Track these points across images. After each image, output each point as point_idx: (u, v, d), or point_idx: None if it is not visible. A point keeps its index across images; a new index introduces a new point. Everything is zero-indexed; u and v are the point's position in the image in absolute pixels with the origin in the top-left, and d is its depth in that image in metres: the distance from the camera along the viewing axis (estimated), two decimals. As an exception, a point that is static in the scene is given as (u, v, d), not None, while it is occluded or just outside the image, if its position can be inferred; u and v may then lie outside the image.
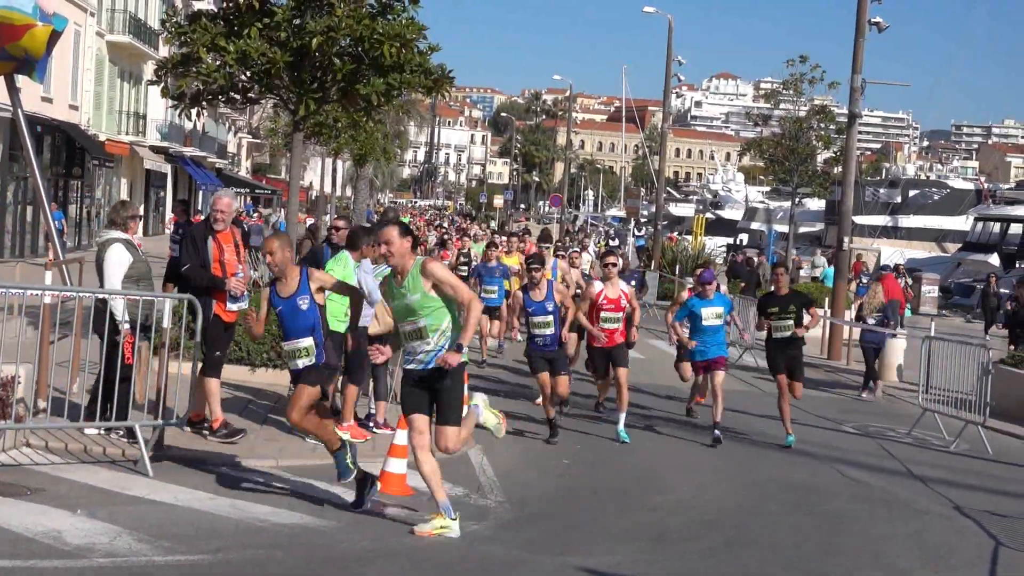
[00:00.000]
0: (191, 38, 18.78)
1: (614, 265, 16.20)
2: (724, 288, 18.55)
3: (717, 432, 15.42)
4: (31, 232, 43.32)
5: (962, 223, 69.85)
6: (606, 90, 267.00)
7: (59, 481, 10.22)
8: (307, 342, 10.25)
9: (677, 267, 44.96)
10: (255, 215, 65.62)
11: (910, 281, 42.22)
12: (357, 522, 9.86)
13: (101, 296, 11.52)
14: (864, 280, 39.31)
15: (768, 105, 59.81)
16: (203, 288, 11.97)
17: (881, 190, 77.26)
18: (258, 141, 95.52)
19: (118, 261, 11.58)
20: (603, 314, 15.79)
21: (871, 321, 23.84)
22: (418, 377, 9.56)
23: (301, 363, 10.25)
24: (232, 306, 12.37)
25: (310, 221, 41.03)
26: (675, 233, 75.83)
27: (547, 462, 13.31)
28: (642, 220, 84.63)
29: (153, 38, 56.78)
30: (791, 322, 16.33)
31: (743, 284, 38.43)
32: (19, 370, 11.06)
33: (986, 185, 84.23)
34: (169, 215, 56.31)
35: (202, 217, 14.37)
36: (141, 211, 11.89)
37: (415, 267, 9.48)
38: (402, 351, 9.75)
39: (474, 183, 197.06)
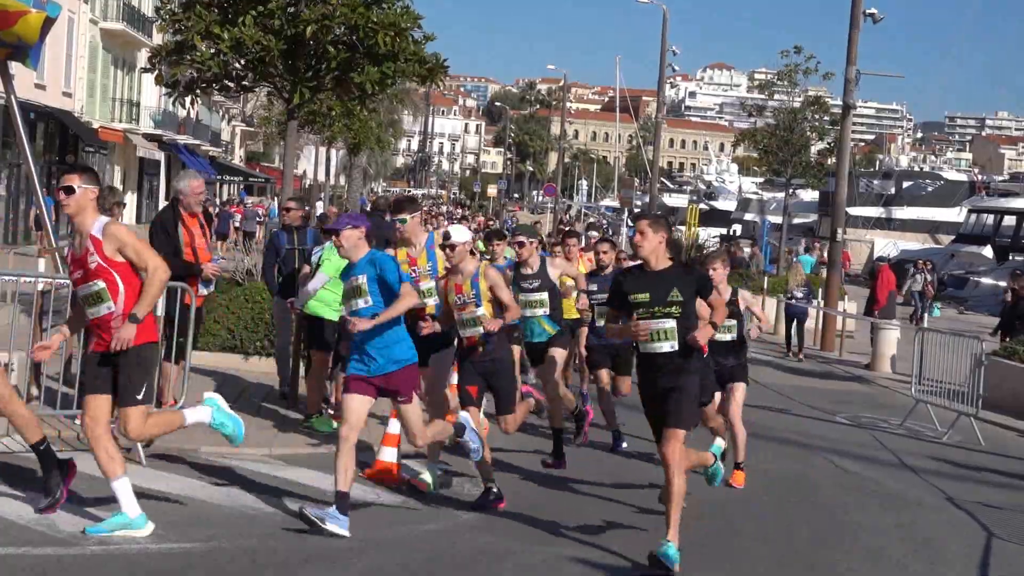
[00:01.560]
0: (185, 26, 18.72)
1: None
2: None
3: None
4: (24, 219, 43.25)
5: (956, 215, 69.92)
6: (600, 80, 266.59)
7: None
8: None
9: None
10: (249, 202, 65.64)
11: (929, 277, 41.40)
12: (355, 512, 9.85)
13: None
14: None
15: (762, 96, 59.73)
16: (177, 275, 11.81)
17: (875, 181, 77.39)
18: (252, 129, 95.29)
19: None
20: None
21: (798, 295, 27.94)
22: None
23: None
24: (203, 290, 12.21)
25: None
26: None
27: (539, 455, 13.30)
28: (636, 210, 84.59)
29: (147, 25, 56.65)
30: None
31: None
32: (12, 358, 11.05)
33: (980, 177, 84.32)
34: (163, 203, 56.21)
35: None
36: (124, 199, 11.84)
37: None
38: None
39: (468, 172, 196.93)
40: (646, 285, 9.15)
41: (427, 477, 10.68)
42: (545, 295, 12.88)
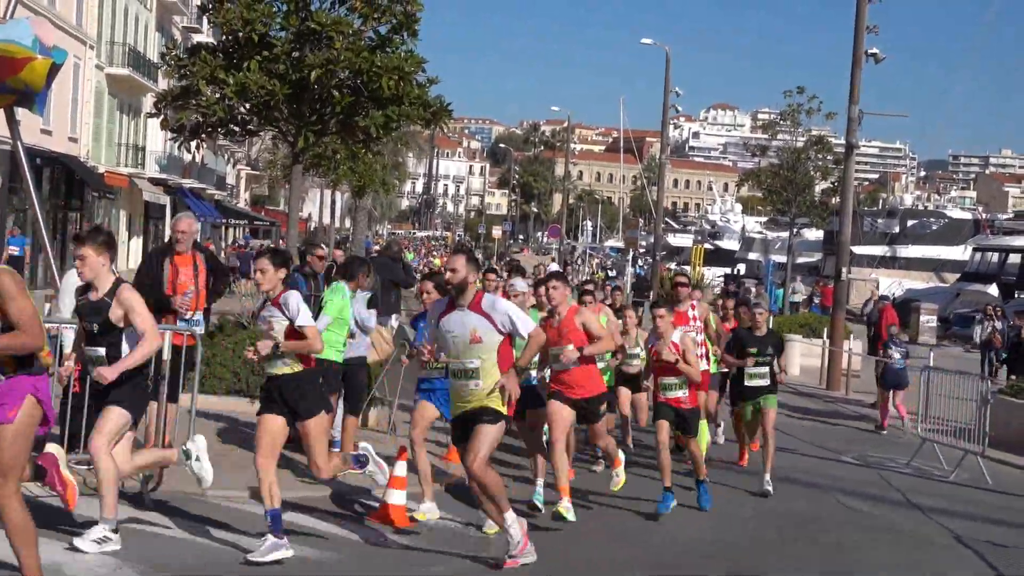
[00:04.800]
0: (191, 71, 18.90)
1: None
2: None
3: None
4: (30, 263, 43.30)
5: (960, 253, 69.90)
6: (604, 121, 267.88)
7: (57, 513, 10.18)
8: None
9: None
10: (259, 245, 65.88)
11: (999, 325, 34.03)
12: (362, 555, 9.84)
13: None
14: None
15: (766, 136, 60.02)
16: (152, 307, 11.73)
17: (879, 220, 77.45)
18: (257, 173, 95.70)
19: (69, 286, 11.48)
20: None
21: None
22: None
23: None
24: (194, 328, 12.05)
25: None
26: (671, 263, 75.90)
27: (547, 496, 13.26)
28: (641, 251, 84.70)
29: (152, 71, 56.96)
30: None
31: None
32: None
33: (984, 215, 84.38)
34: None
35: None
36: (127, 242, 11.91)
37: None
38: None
39: (472, 214, 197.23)
40: None
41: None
42: None
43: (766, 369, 14.86)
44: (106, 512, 9.01)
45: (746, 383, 15.02)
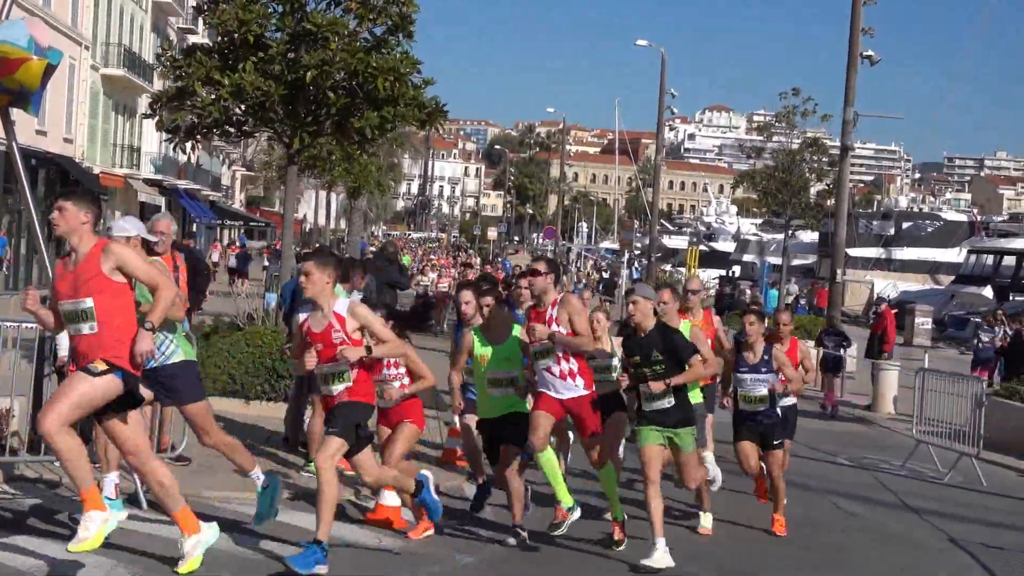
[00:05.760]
0: (186, 72, 18.86)
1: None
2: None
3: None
4: (26, 265, 43.30)
5: (955, 255, 70.03)
6: (600, 122, 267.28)
7: (54, 515, 10.19)
8: None
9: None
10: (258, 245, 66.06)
11: (1010, 332, 31.48)
12: (355, 555, 9.83)
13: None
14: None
15: (761, 137, 60.05)
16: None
17: (874, 222, 77.57)
18: (252, 174, 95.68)
19: None
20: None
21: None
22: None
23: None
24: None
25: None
26: (667, 265, 75.94)
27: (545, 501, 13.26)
28: (636, 252, 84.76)
29: (148, 71, 56.92)
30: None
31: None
32: (13, 403, 11.04)
33: (979, 217, 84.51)
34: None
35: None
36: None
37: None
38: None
39: (468, 215, 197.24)
40: None
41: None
42: None
43: (663, 384, 10.38)
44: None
45: (643, 407, 10.62)
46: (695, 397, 11.43)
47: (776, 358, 12.17)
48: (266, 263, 53.26)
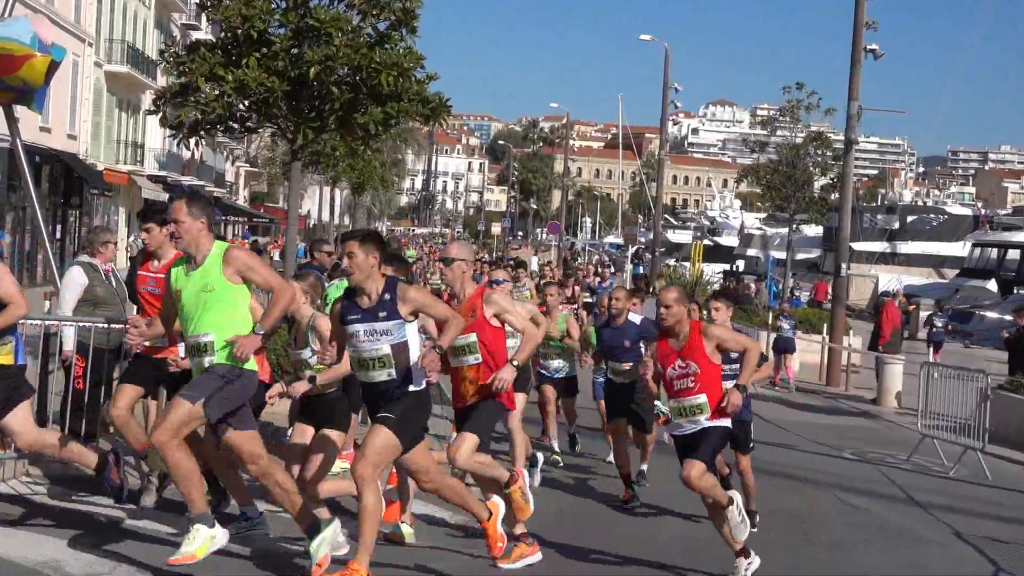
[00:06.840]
0: (189, 68, 18.86)
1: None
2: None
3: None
4: (30, 261, 43.36)
5: (960, 249, 69.94)
6: (603, 117, 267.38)
7: (59, 511, 10.19)
8: None
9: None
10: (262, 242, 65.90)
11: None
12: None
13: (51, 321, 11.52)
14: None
15: (765, 132, 60.02)
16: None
17: (878, 216, 77.47)
18: (256, 170, 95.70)
19: (71, 283, 11.42)
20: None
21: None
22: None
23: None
24: None
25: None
26: (671, 259, 75.92)
27: (543, 490, 13.27)
28: (640, 247, 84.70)
29: (151, 68, 56.95)
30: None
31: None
32: (19, 400, 11.00)
33: (983, 211, 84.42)
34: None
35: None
36: (115, 238, 11.82)
37: None
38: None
39: (472, 211, 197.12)
40: None
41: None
42: None
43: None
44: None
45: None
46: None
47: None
48: (276, 257, 53.14)
